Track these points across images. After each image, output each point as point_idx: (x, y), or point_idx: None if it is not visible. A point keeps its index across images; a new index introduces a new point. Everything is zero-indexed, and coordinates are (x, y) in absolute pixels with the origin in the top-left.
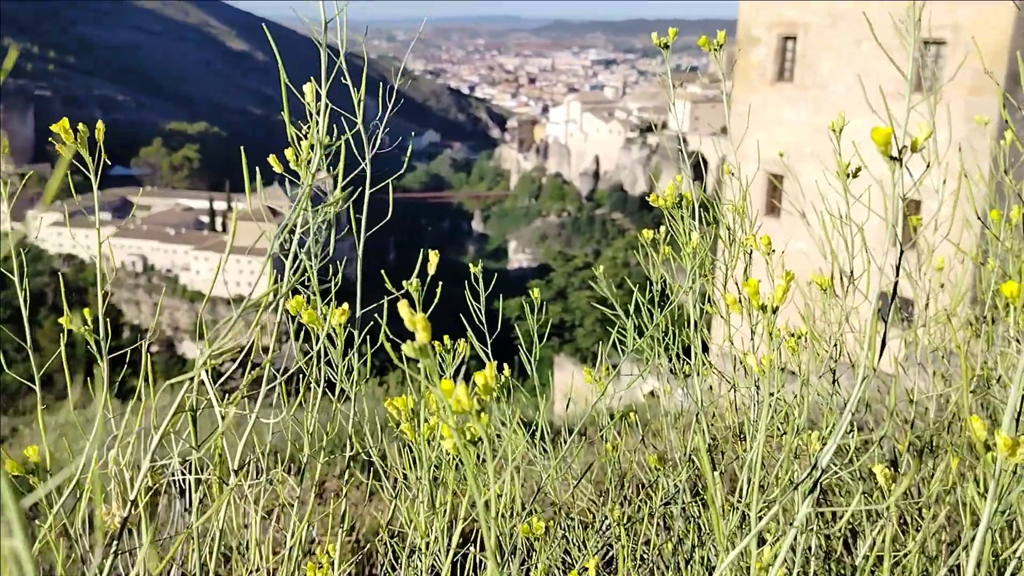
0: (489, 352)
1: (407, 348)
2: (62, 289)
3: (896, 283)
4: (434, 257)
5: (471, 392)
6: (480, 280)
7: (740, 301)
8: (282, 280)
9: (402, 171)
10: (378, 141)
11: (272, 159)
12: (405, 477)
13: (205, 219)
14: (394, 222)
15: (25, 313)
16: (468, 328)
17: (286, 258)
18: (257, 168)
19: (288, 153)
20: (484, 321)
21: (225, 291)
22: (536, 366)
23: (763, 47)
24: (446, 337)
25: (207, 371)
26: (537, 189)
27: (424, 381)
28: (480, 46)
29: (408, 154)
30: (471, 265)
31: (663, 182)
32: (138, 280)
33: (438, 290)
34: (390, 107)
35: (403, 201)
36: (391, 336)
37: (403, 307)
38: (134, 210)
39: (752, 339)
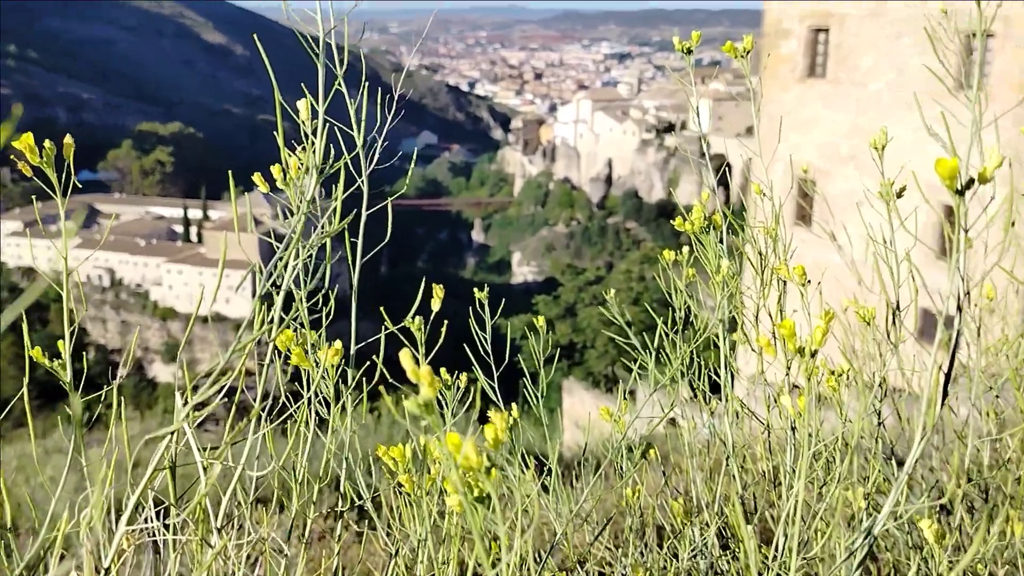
0: (495, 384)
1: (410, 404)
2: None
3: (956, 337)
4: (438, 293)
5: (479, 444)
6: (485, 306)
7: (774, 341)
8: (266, 303)
9: (406, 183)
10: (375, 156)
11: (257, 178)
12: (401, 522)
13: (178, 229)
14: (384, 232)
15: None
16: (470, 352)
17: (277, 293)
18: (233, 173)
19: (275, 170)
20: (488, 350)
21: (201, 308)
22: (542, 392)
23: (793, 40)
24: (444, 371)
25: (189, 417)
26: (543, 195)
27: (424, 432)
28: (482, 39)
29: (413, 161)
30: (475, 291)
31: (682, 188)
32: (105, 296)
33: (443, 329)
34: (389, 114)
35: (396, 209)
36: (387, 374)
37: (405, 358)
38: (110, 221)
39: (787, 375)
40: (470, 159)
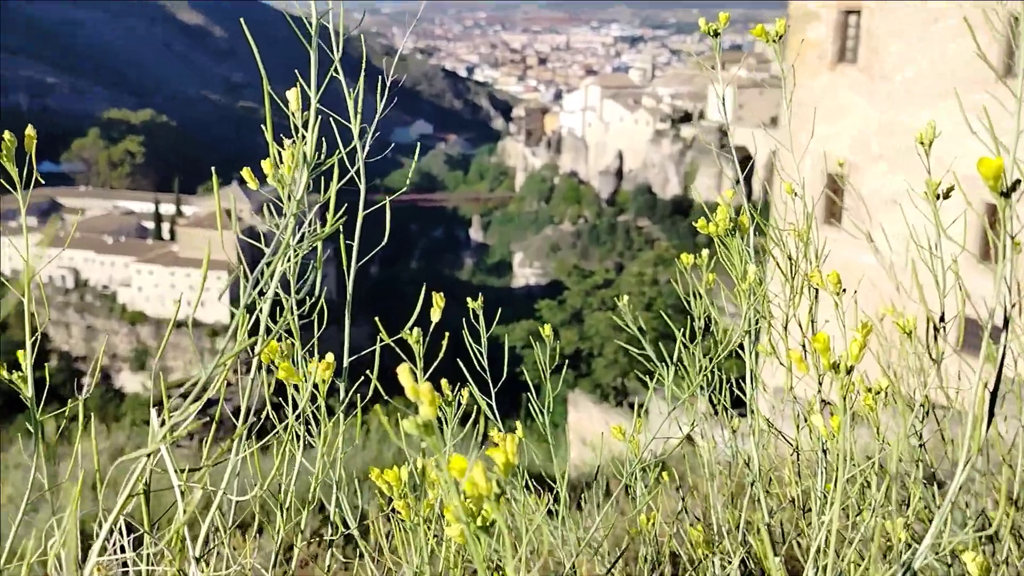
0: (493, 402)
1: (409, 425)
2: None
3: (1004, 351)
4: (439, 302)
5: (487, 468)
6: (480, 318)
7: (806, 356)
8: (249, 311)
9: (408, 177)
10: (367, 146)
11: (246, 174)
12: (393, 550)
13: (149, 225)
14: (376, 230)
15: None
16: (466, 370)
17: (262, 301)
18: (211, 165)
19: (266, 165)
20: (485, 365)
21: (171, 311)
22: (548, 408)
23: (821, 24)
24: (444, 384)
25: (166, 439)
26: (548, 191)
27: (422, 453)
28: (481, 20)
29: (415, 157)
30: (470, 301)
31: (700, 183)
32: (68, 298)
33: (443, 343)
34: (381, 102)
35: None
36: (381, 389)
37: (403, 373)
38: (75, 217)
39: (818, 391)
40: (468, 150)
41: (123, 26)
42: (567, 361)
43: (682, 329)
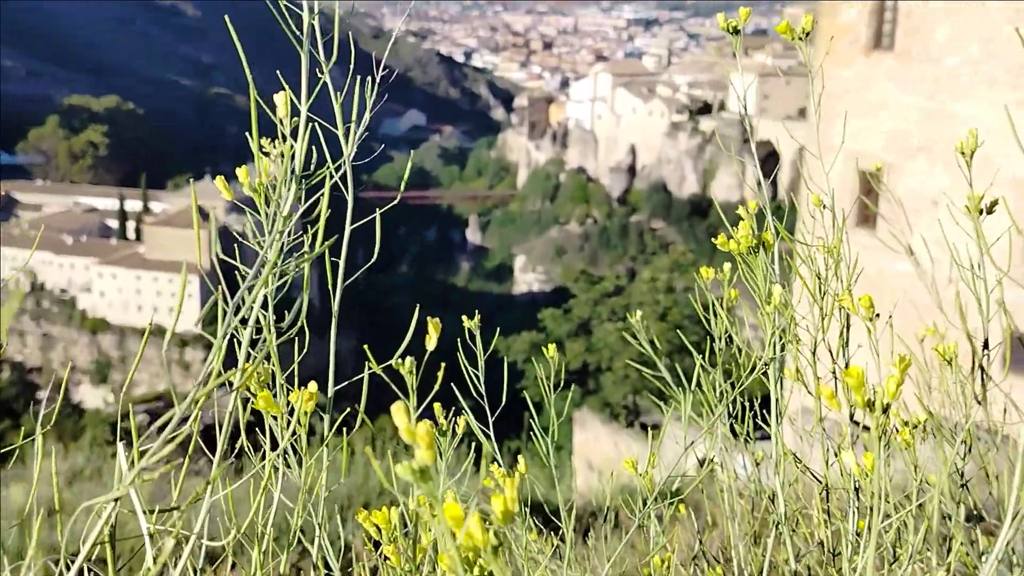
0: (491, 432)
1: (404, 471)
2: None
3: None
4: (435, 329)
5: (484, 512)
6: (477, 338)
7: (837, 392)
8: (227, 331)
9: (405, 174)
10: (353, 144)
11: (220, 183)
12: None
13: (113, 224)
14: (363, 231)
15: None
16: (463, 390)
17: (243, 327)
18: (182, 156)
19: (241, 173)
20: (483, 392)
21: (136, 318)
22: (553, 436)
23: (854, 6)
24: (438, 408)
25: (135, 482)
26: (553, 188)
27: (413, 486)
28: (480, 0)
29: (409, 162)
30: (465, 320)
31: (720, 181)
32: (23, 303)
33: (439, 374)
34: (371, 92)
35: (374, 202)
36: (367, 414)
37: (398, 412)
38: (33, 214)
39: (850, 421)
40: (465, 143)
41: (83, 2)
42: (571, 375)
43: (698, 344)
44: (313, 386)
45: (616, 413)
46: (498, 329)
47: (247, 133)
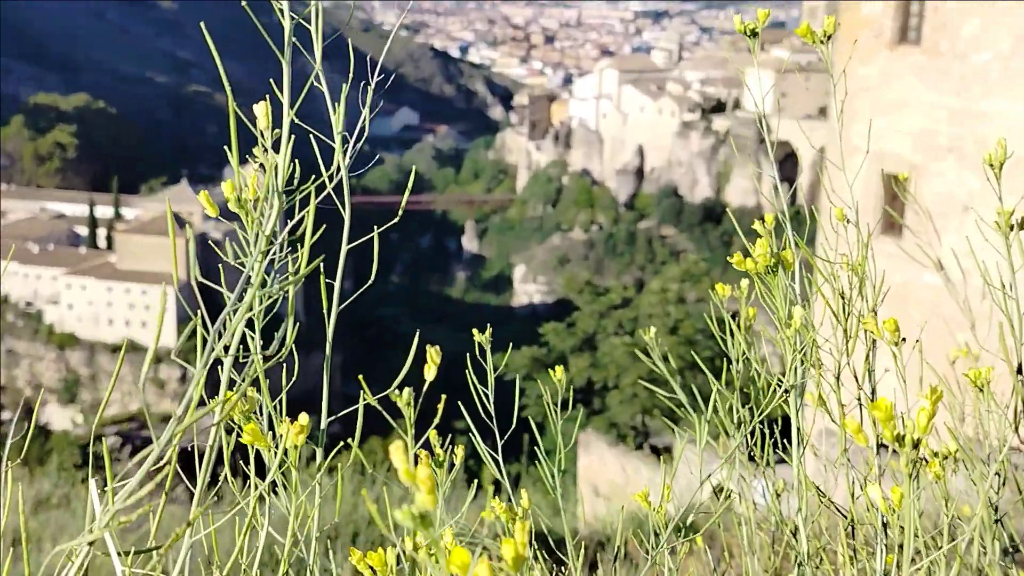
0: (501, 466)
1: (404, 516)
2: None
3: None
4: (434, 358)
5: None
6: (488, 354)
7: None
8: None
9: (406, 196)
10: (347, 155)
11: (204, 198)
12: None
13: (82, 231)
14: (351, 233)
15: None
16: (464, 403)
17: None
18: (158, 159)
19: (227, 188)
20: (493, 415)
21: (107, 333)
22: (559, 465)
23: None
24: (433, 435)
25: (111, 526)
26: (555, 192)
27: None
28: None
29: (413, 173)
30: (474, 333)
31: (735, 184)
32: None
33: (440, 406)
34: (368, 90)
35: (363, 208)
36: (359, 453)
37: (397, 452)
38: None
39: (876, 452)
40: (461, 144)
41: None
42: (575, 393)
43: (715, 366)
44: (304, 418)
45: (624, 434)
46: (489, 346)
47: (228, 133)
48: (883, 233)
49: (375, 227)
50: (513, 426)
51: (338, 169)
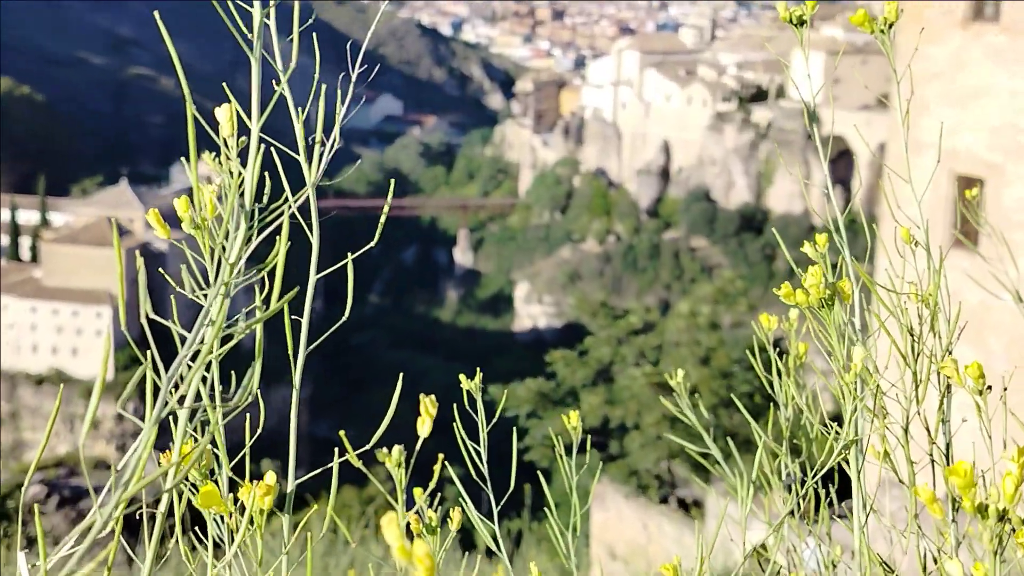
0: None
1: None
2: None
3: None
4: (429, 411)
5: None
6: (480, 407)
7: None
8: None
9: (386, 203)
10: (325, 158)
11: (153, 216)
12: None
13: (3, 240)
14: (322, 248)
15: None
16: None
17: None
18: (93, 153)
19: (181, 204)
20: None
21: (37, 364)
22: (574, 529)
23: None
24: (418, 492)
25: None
26: (565, 196)
27: None
28: None
29: (394, 155)
30: (464, 379)
31: (779, 187)
32: None
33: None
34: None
35: (337, 214)
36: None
37: (389, 525)
38: None
39: (952, 522)
40: (453, 138)
41: None
42: (592, 438)
43: (755, 406)
44: (271, 477)
45: (645, 484)
46: (482, 387)
47: (175, 124)
48: (955, 246)
49: (350, 246)
50: (514, 476)
51: (304, 183)
